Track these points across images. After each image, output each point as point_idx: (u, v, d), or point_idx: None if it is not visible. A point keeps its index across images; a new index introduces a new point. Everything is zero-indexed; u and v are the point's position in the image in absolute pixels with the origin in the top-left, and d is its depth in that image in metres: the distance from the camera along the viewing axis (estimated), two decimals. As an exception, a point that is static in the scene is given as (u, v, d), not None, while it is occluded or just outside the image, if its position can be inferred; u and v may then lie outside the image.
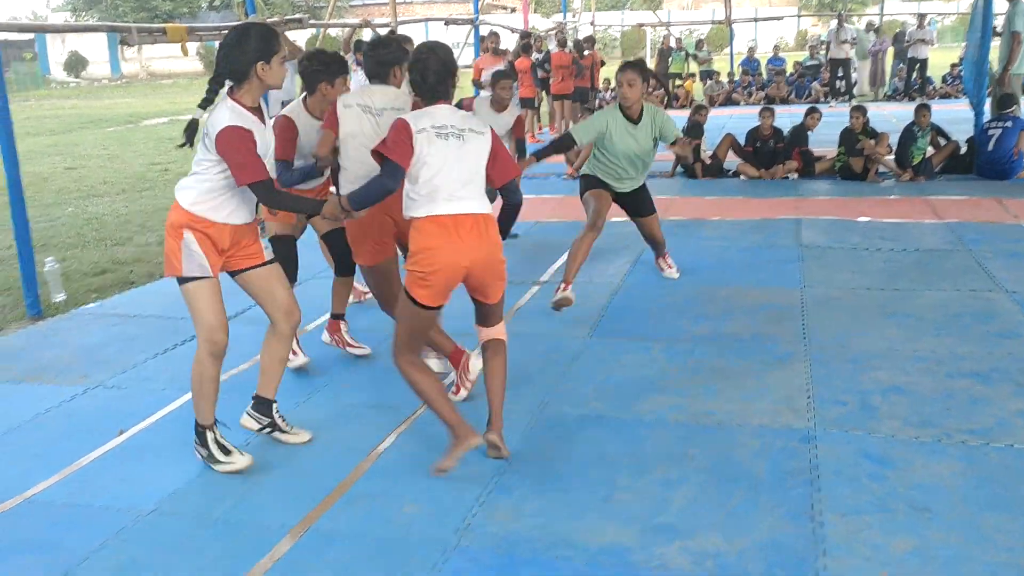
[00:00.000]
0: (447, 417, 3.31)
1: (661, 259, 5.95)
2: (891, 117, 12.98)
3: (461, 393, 4.07)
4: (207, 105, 3.28)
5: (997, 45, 9.95)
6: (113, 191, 10.87)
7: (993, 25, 9.72)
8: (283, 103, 6.26)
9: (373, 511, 3.16)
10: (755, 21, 28.73)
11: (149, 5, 42.64)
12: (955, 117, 10.94)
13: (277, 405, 3.71)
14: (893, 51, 19.72)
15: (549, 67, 13.89)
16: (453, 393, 4.07)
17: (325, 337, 4.77)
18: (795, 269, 6.02)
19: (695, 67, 21.05)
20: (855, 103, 12.14)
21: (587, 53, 14.64)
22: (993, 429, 3.59)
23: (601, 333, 4.96)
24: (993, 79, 9.75)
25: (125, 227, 8.65)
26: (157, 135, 17.12)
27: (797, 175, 9.51)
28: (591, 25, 25.35)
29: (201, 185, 3.28)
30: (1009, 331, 4.70)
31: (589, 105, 14.04)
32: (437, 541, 2.95)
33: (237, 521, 3.14)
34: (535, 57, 13.81)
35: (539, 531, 2.98)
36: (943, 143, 9.40)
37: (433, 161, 3.21)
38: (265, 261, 3.50)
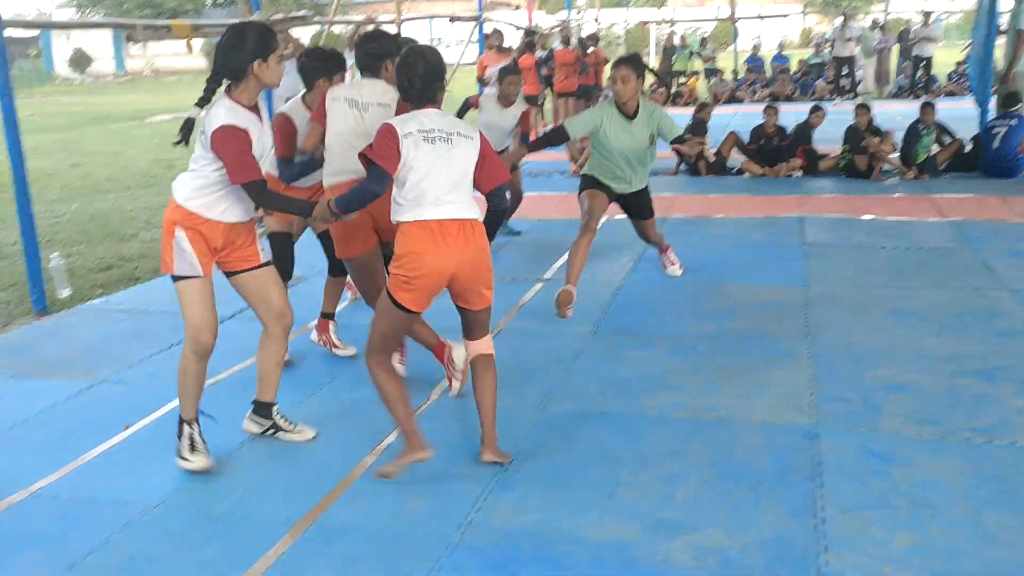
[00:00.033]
0: (404, 425, 3.28)
1: (664, 255, 5.93)
2: (896, 115, 12.94)
3: (454, 386, 4.06)
4: (204, 104, 3.29)
5: (1002, 43, 9.93)
6: (118, 187, 10.89)
7: (998, 23, 9.70)
8: (288, 99, 6.26)
9: (377, 506, 3.17)
10: (760, 18, 28.66)
11: (154, 2, 42.57)
12: (960, 115, 10.92)
13: (278, 407, 3.72)
14: (898, 49, 19.68)
15: (553, 64, 13.88)
16: (448, 389, 4.08)
17: (313, 336, 4.77)
18: (799, 267, 6.02)
19: (699, 64, 21.02)
20: (860, 101, 12.12)
21: (591, 50, 14.62)
22: (996, 427, 3.59)
23: (604, 330, 4.97)
24: (998, 77, 9.73)
25: (130, 223, 8.67)
26: (162, 132, 17.11)
27: (801, 173, 9.50)
28: (595, 22, 25.37)
29: (196, 181, 3.29)
30: (1013, 329, 4.70)
31: (593, 103, 14.03)
32: (440, 537, 2.96)
33: (241, 516, 3.15)
34: (539, 54, 13.81)
35: (542, 527, 2.99)
36: (948, 141, 9.39)
37: (420, 166, 3.16)
38: (261, 264, 3.50)
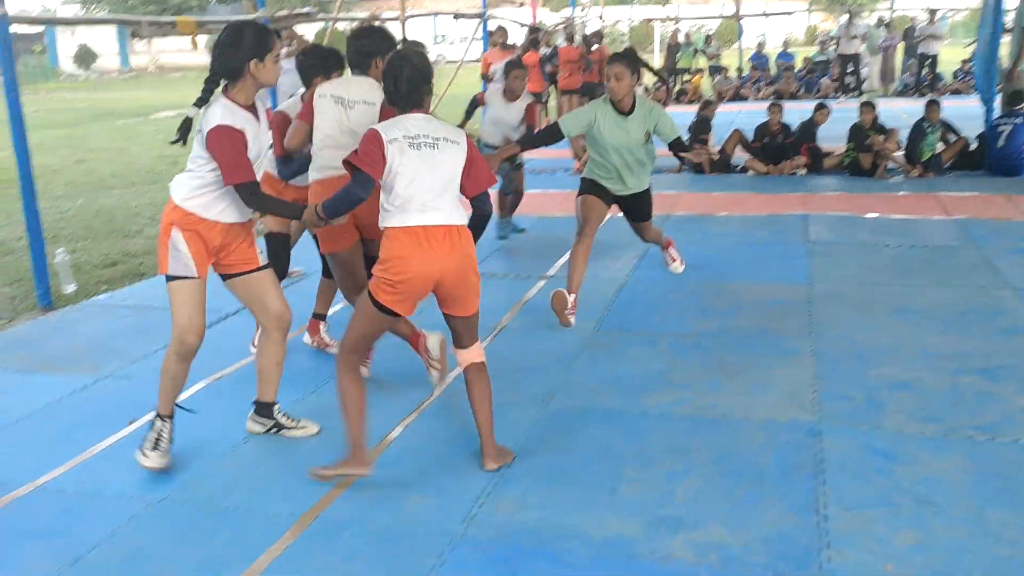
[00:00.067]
0: (353, 436, 3.25)
1: (666, 252, 5.86)
2: (901, 113, 12.92)
3: (434, 376, 4.05)
4: (202, 104, 3.29)
5: (1008, 41, 9.91)
6: (123, 184, 10.91)
7: (1003, 21, 9.68)
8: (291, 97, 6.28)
9: (380, 501, 3.18)
10: (765, 16, 28.64)
11: (159, -2, 42.65)
12: (965, 113, 10.89)
13: (279, 406, 3.73)
14: (903, 47, 19.65)
15: (557, 62, 13.87)
16: (431, 381, 4.07)
17: (306, 339, 4.77)
18: (802, 265, 6.02)
19: (704, 62, 21.01)
20: (865, 99, 12.11)
21: (595, 48, 14.60)
22: (999, 425, 3.59)
23: (607, 327, 4.97)
24: (1003, 75, 9.71)
25: (135, 219, 8.69)
26: (166, 128, 17.10)
27: (805, 171, 9.49)
28: (600, 20, 25.35)
29: (193, 181, 3.30)
30: (1016, 328, 4.70)
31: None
32: (443, 531, 2.97)
33: (245, 510, 3.17)
34: (543, 52, 13.80)
35: (544, 522, 3.00)
36: (953, 139, 9.37)
37: (406, 171, 3.15)
38: (259, 266, 3.50)
